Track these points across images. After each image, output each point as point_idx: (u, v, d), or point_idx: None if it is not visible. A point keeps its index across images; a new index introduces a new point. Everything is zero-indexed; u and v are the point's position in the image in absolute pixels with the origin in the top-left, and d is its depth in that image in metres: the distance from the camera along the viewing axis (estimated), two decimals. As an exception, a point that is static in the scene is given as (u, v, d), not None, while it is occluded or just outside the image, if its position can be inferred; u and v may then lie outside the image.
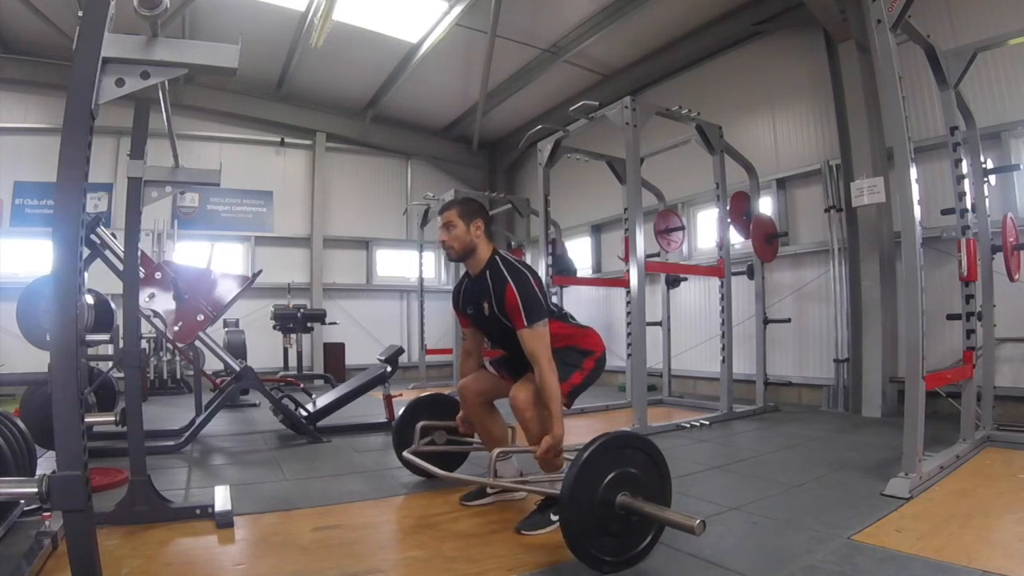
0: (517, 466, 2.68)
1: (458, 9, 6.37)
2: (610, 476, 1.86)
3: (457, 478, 2.59)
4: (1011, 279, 3.76)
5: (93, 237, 3.21)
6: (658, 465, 2.00)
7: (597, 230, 8.81)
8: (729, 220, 5.36)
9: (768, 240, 5.46)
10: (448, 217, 2.42)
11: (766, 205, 6.10)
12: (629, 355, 4.92)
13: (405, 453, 2.71)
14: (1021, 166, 4.11)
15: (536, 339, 2.21)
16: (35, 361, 2.24)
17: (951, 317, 3.52)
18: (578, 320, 2.58)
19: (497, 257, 2.42)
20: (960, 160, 3.49)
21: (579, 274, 8.12)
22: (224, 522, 2.27)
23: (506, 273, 2.32)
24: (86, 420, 1.38)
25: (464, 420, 2.68)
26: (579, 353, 2.42)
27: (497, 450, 2.23)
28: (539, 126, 5.48)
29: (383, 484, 2.99)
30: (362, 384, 4.57)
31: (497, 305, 2.33)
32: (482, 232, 2.43)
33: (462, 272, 2.62)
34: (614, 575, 1.82)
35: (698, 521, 1.70)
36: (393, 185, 10.17)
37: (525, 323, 2.22)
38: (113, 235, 3.35)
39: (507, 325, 2.34)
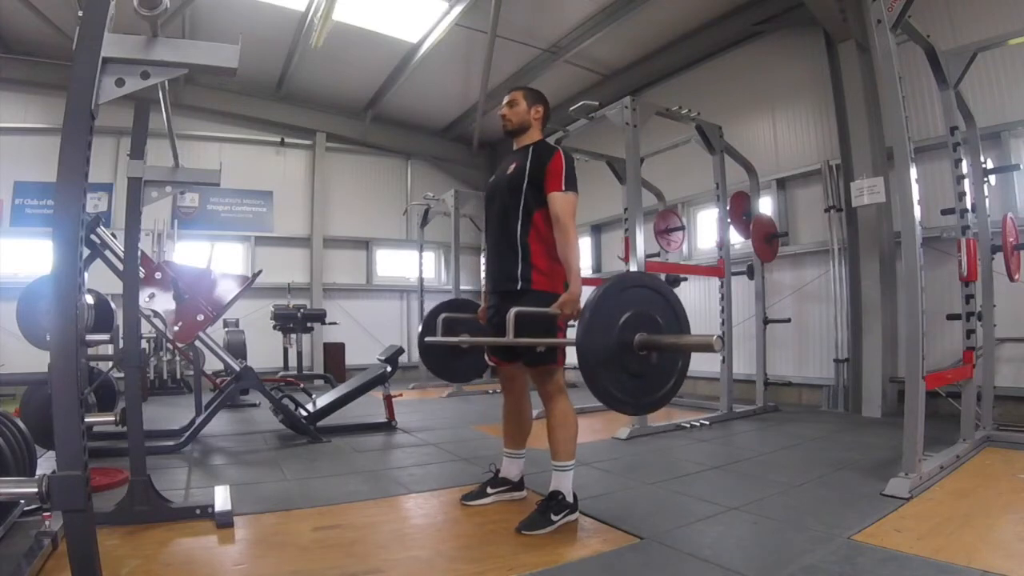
0: (522, 467, 2.68)
1: (458, 9, 6.37)
2: (626, 315, 1.84)
3: (479, 341, 2.63)
4: (1011, 279, 3.76)
5: (93, 237, 3.20)
6: (672, 305, 2.00)
7: (597, 230, 8.81)
8: (729, 220, 5.36)
9: (768, 240, 5.47)
10: (513, 96, 2.57)
11: (766, 205, 6.10)
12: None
13: (427, 338, 2.76)
14: (1021, 166, 4.11)
15: (567, 203, 2.34)
16: (35, 361, 2.24)
17: (951, 317, 3.53)
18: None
19: (547, 140, 2.56)
20: (960, 160, 3.49)
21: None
22: (224, 522, 2.27)
23: (557, 147, 2.46)
24: (86, 420, 1.38)
25: (486, 312, 2.63)
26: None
27: (515, 309, 2.10)
28: (539, 126, 5.47)
29: (383, 484, 2.99)
30: (362, 384, 4.57)
31: (533, 167, 2.40)
32: (540, 116, 2.57)
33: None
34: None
35: (715, 336, 1.72)
36: (393, 185, 10.17)
37: (563, 187, 2.34)
38: (113, 235, 3.34)
39: (517, 190, 2.40)
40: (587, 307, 1.85)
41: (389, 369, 4.56)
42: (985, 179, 3.85)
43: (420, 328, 3.00)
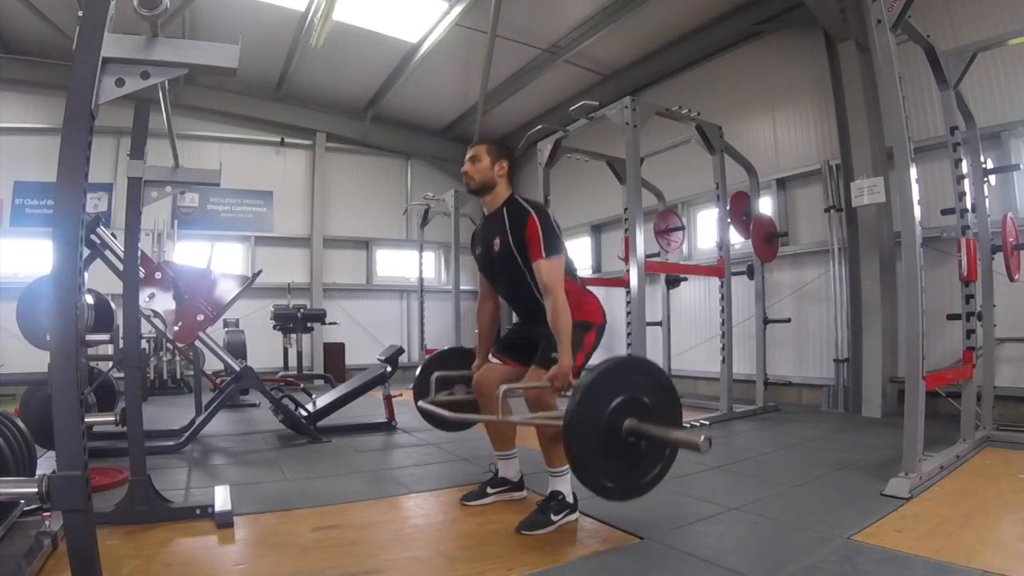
0: (519, 467, 2.68)
1: (458, 9, 6.37)
2: (617, 400, 1.83)
3: (468, 418, 2.59)
4: (1011, 279, 3.76)
5: (93, 237, 3.20)
6: (666, 391, 1.97)
7: (597, 230, 8.81)
8: (729, 220, 5.36)
9: (768, 240, 5.47)
10: (476, 151, 2.50)
11: (766, 205, 6.10)
12: (629, 355, 4.94)
13: (420, 403, 2.73)
14: (1021, 166, 4.10)
15: (552, 270, 2.25)
16: (35, 361, 2.23)
17: (951, 317, 3.53)
18: (582, 280, 2.60)
19: (517, 196, 2.47)
20: (960, 160, 3.49)
21: (579, 274, 8.10)
22: (224, 522, 2.27)
23: (528, 207, 2.38)
24: (86, 420, 1.38)
25: (480, 368, 2.66)
26: (580, 328, 2.35)
27: (504, 386, 2.15)
28: (539, 126, 5.48)
29: (383, 484, 2.99)
30: (362, 384, 4.57)
31: (514, 237, 2.35)
32: (505, 173, 2.49)
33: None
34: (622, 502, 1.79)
35: (703, 437, 1.68)
36: (393, 185, 10.17)
37: (543, 254, 2.26)
38: (113, 235, 3.34)
39: (515, 263, 2.36)
40: (579, 388, 1.83)
41: (389, 369, 4.56)
42: (985, 179, 3.85)
43: (413, 384, 3.00)
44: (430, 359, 2.99)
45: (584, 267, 8.74)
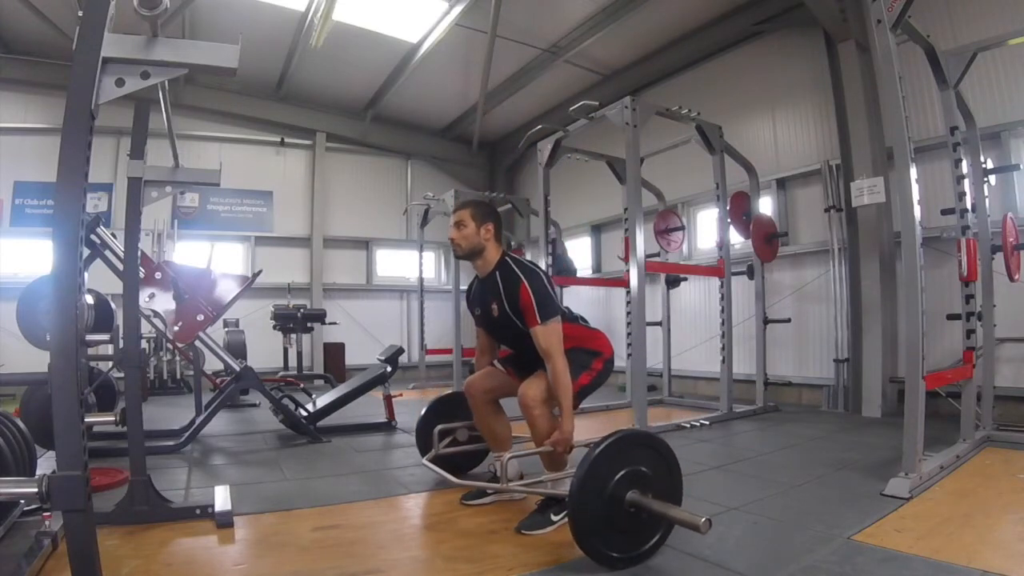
0: (519, 467, 2.68)
1: (458, 9, 6.37)
2: (620, 473, 1.86)
3: (471, 485, 2.64)
4: (1011, 279, 3.76)
5: (93, 237, 3.21)
6: (669, 464, 2.01)
7: (597, 230, 8.81)
8: (729, 220, 5.36)
9: (768, 240, 5.47)
10: (460, 216, 2.46)
11: (766, 205, 6.10)
12: (629, 355, 4.93)
13: (424, 460, 2.80)
14: (1021, 166, 4.10)
15: (550, 336, 2.25)
16: (35, 361, 2.24)
17: (951, 317, 3.52)
18: (588, 323, 2.60)
19: (508, 259, 2.44)
20: (960, 160, 3.49)
21: (579, 274, 8.11)
22: (224, 522, 2.27)
23: (519, 272, 2.35)
24: (86, 420, 1.38)
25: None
26: (587, 354, 2.42)
27: (508, 455, 2.24)
28: (539, 126, 5.47)
29: (383, 484, 2.99)
30: (362, 384, 4.57)
31: (509, 304, 2.34)
32: (492, 235, 2.46)
33: (470, 273, 2.63)
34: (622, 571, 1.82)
35: (703, 520, 1.71)
36: (393, 185, 10.17)
37: (539, 320, 2.25)
38: (113, 235, 3.34)
39: (516, 324, 2.35)
40: (583, 463, 1.85)
41: (389, 369, 4.56)
42: (985, 179, 3.85)
43: (416, 435, 3.04)
44: (431, 406, 3.03)
45: (584, 267, 8.74)
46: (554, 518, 2.23)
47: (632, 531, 1.87)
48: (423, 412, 3.06)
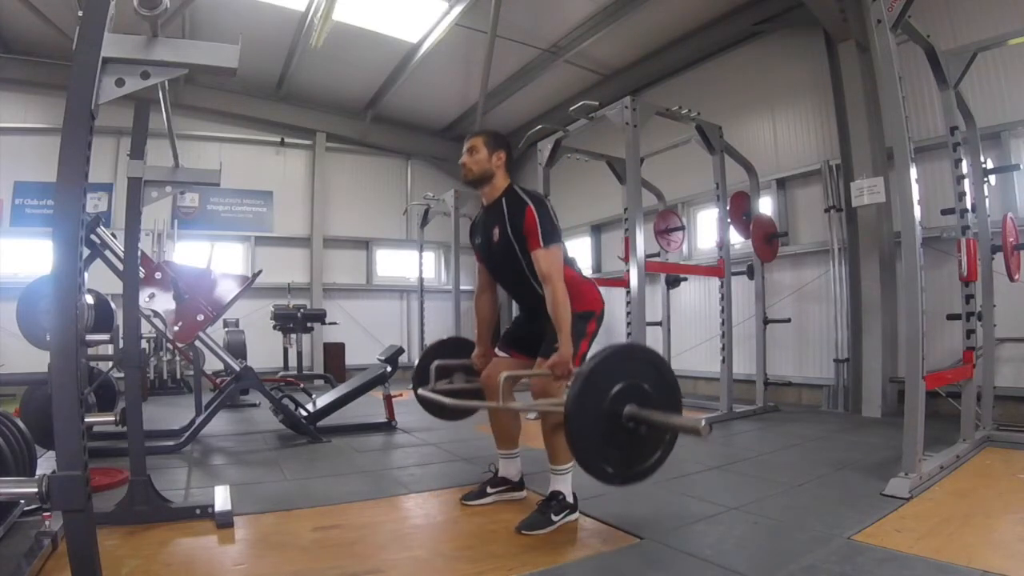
0: (520, 466, 2.68)
1: (458, 9, 6.37)
2: (617, 387, 1.84)
3: (467, 405, 2.60)
4: (1011, 279, 3.76)
5: (93, 237, 3.21)
6: (665, 377, 1.98)
7: (597, 230, 8.81)
8: (729, 220, 5.36)
9: (768, 240, 5.47)
10: (473, 142, 2.48)
11: (766, 205, 6.10)
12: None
13: (419, 391, 2.73)
14: (1021, 166, 4.10)
15: (551, 259, 2.27)
16: (35, 361, 2.24)
17: (951, 317, 3.53)
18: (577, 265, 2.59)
19: (516, 187, 2.47)
20: (960, 160, 3.49)
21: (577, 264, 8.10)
22: (224, 522, 2.27)
23: (526, 198, 2.38)
24: (86, 420, 1.38)
25: (480, 357, 2.69)
26: (581, 319, 2.36)
27: (506, 373, 2.15)
28: (539, 126, 5.48)
29: (383, 484, 2.99)
30: (362, 384, 4.57)
31: (513, 227, 2.36)
32: (502, 163, 2.49)
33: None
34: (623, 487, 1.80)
35: (703, 423, 1.70)
36: (393, 185, 10.17)
37: (541, 243, 2.27)
38: (113, 235, 3.34)
39: (515, 256, 2.37)
40: (579, 376, 1.83)
41: (389, 369, 4.56)
42: (985, 179, 3.85)
43: (413, 372, 2.99)
44: (430, 348, 2.99)
45: (584, 267, 8.68)
46: (554, 518, 2.22)
47: (632, 446, 1.84)
48: (423, 352, 3.00)
